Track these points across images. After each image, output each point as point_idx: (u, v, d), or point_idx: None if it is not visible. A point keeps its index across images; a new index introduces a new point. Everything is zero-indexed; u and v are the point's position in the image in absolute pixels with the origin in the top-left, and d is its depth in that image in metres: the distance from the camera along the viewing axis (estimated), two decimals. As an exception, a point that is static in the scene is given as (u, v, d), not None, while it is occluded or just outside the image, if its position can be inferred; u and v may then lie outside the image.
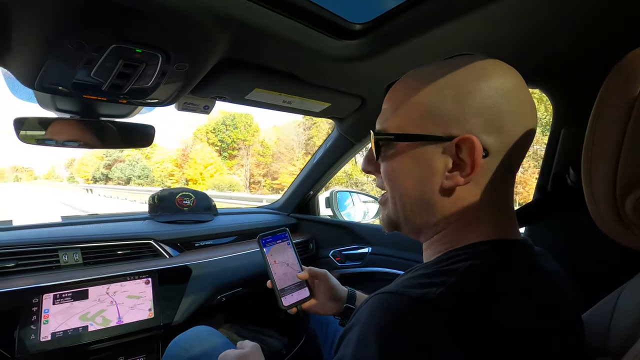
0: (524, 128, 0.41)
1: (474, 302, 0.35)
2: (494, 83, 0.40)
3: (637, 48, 0.35)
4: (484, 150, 0.39)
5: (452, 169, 0.41)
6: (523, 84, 0.42)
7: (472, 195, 0.42)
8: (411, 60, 0.81)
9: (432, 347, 0.32)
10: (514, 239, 0.43)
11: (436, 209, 0.43)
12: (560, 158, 0.81)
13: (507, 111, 0.40)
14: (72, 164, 63.14)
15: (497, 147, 0.40)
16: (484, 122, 0.39)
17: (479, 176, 0.41)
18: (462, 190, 0.42)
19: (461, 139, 0.39)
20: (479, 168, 0.39)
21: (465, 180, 0.40)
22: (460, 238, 0.43)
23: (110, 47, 0.58)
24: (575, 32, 0.62)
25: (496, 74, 0.41)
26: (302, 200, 1.67)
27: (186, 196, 1.43)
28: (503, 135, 0.40)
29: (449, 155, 0.41)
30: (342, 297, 0.76)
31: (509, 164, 0.42)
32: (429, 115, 0.42)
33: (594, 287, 0.58)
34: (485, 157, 0.40)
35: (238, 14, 0.59)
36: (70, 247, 1.01)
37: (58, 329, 0.89)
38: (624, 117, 0.34)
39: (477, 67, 0.41)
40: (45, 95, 0.81)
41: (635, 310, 0.43)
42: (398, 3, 0.66)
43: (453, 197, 0.42)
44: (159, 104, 0.88)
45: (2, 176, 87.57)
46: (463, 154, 0.39)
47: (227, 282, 1.26)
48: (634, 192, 0.33)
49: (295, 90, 0.97)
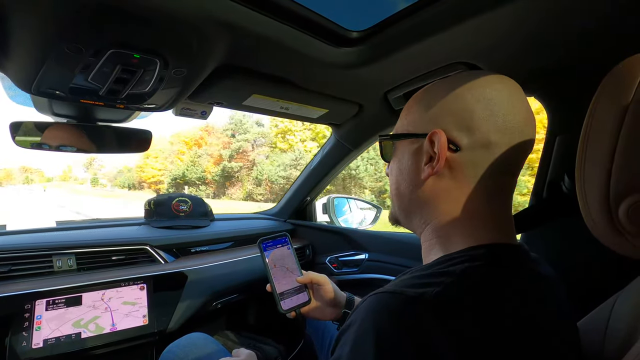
0: (504, 130, 0.42)
1: (470, 303, 0.35)
2: (472, 89, 0.43)
3: (628, 58, 0.35)
4: (455, 145, 0.43)
5: (427, 162, 0.45)
6: (512, 91, 0.44)
7: (452, 190, 0.45)
8: (407, 68, 0.82)
9: (429, 346, 0.32)
10: (510, 244, 0.44)
11: (420, 201, 0.48)
12: (555, 165, 0.81)
13: (480, 111, 0.42)
14: (92, 164, 60.69)
15: (470, 143, 0.43)
16: (455, 120, 0.43)
17: (454, 171, 0.44)
18: (440, 183, 0.45)
19: (432, 133, 0.44)
20: (453, 162, 0.44)
21: (434, 170, 0.44)
22: (452, 237, 0.44)
23: (108, 52, 0.58)
24: (569, 42, 0.64)
25: (480, 83, 0.44)
26: (299, 206, 1.67)
27: (183, 201, 1.42)
28: (476, 133, 0.42)
29: (426, 150, 0.45)
30: (341, 303, 0.76)
31: (491, 163, 0.43)
32: (416, 120, 0.48)
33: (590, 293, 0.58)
34: (456, 152, 0.43)
35: (236, 20, 0.60)
36: (65, 252, 1.00)
37: (50, 335, 0.88)
38: (617, 125, 0.34)
39: (467, 78, 0.45)
40: (42, 100, 0.81)
41: (631, 317, 0.43)
42: (394, 12, 0.67)
43: (432, 189, 0.46)
44: (157, 109, 0.88)
45: (10, 178, 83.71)
46: (435, 147, 0.44)
47: (223, 289, 1.25)
48: (627, 199, 0.34)
49: (292, 97, 0.97)
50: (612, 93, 0.36)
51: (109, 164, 56.82)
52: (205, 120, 1.05)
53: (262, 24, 0.62)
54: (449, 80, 0.47)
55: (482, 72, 0.46)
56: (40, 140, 0.87)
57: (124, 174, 47.95)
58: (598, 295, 0.55)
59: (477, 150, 0.43)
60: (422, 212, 0.48)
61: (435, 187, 0.46)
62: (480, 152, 0.43)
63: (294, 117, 1.15)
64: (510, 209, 0.46)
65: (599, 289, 0.58)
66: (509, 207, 0.46)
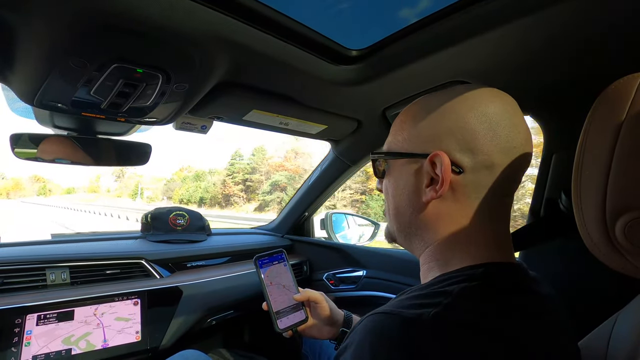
0: (507, 150, 0.42)
1: (468, 323, 0.35)
2: (474, 107, 0.42)
3: (621, 78, 0.36)
4: (458, 167, 0.42)
5: (428, 184, 0.44)
6: (511, 109, 0.43)
7: (454, 212, 0.44)
8: (406, 85, 0.84)
9: None
10: (508, 262, 0.44)
11: (420, 223, 0.46)
12: (552, 183, 0.82)
13: (483, 132, 0.41)
14: (122, 175, 56.74)
15: (473, 165, 0.42)
16: (457, 141, 0.42)
17: (457, 193, 0.43)
18: (442, 205, 0.44)
19: (433, 155, 0.42)
20: (455, 184, 0.42)
21: (438, 194, 0.43)
22: (451, 258, 0.44)
23: (112, 67, 0.59)
24: (565, 61, 0.65)
25: (478, 99, 0.43)
26: (297, 221, 1.66)
27: (180, 215, 1.41)
28: (479, 154, 0.41)
29: (427, 171, 0.44)
30: (339, 321, 0.74)
31: (493, 184, 0.42)
32: (412, 137, 0.46)
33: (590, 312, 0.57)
34: (459, 174, 0.42)
35: (239, 38, 0.61)
36: (58, 265, 0.99)
37: (40, 352, 0.86)
38: (611, 144, 0.35)
39: (463, 94, 0.44)
40: (43, 112, 0.82)
41: (633, 335, 0.43)
42: (393, 31, 0.68)
43: (434, 212, 0.45)
44: (157, 123, 0.88)
45: (20, 188, 77.49)
46: (437, 169, 0.42)
47: (218, 305, 1.23)
48: (623, 217, 0.34)
49: (292, 113, 0.98)
50: (606, 112, 0.36)
51: (147, 173, 53.72)
52: (205, 134, 1.06)
53: (264, 42, 0.64)
54: (445, 96, 0.45)
55: (477, 85, 0.46)
56: (35, 152, 0.87)
57: (174, 184, 44.63)
58: (598, 314, 0.54)
59: (480, 171, 0.42)
60: (422, 234, 0.47)
61: (437, 210, 0.44)
62: (484, 174, 0.42)
63: (293, 133, 1.16)
64: (508, 228, 0.46)
65: (599, 307, 0.57)
66: (507, 226, 0.46)
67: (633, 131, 0.34)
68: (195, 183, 44.87)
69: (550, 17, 0.54)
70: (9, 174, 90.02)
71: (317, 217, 1.73)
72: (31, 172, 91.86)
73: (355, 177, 15.70)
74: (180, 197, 44.88)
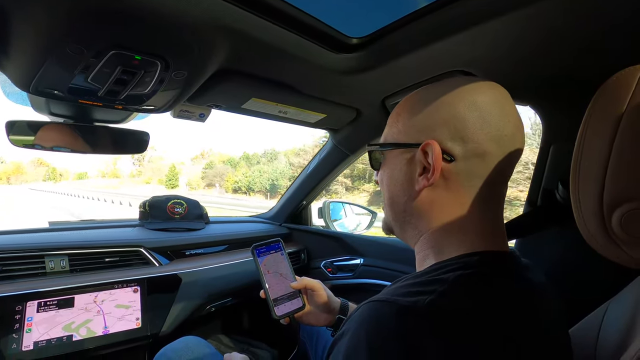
0: (498, 139, 0.42)
1: (463, 311, 0.35)
2: (465, 97, 0.43)
3: (622, 70, 0.36)
4: (449, 156, 0.43)
5: (421, 173, 0.45)
6: (502, 98, 0.44)
7: (446, 200, 0.44)
8: (406, 75, 0.83)
9: (422, 355, 0.32)
10: (502, 251, 0.44)
11: (414, 212, 0.47)
12: (549, 173, 0.83)
13: (473, 120, 0.42)
14: (142, 159, 48.13)
15: (464, 153, 0.42)
16: (448, 131, 0.43)
17: (449, 181, 0.44)
18: (434, 194, 0.45)
19: (425, 144, 0.43)
20: (447, 173, 0.43)
21: (430, 182, 0.43)
22: (446, 246, 0.44)
23: (110, 54, 0.58)
24: (566, 52, 0.65)
25: (470, 90, 0.43)
26: (295, 210, 1.67)
27: (178, 204, 1.42)
28: (470, 143, 0.42)
29: (419, 160, 0.44)
30: (335, 308, 0.76)
31: (485, 172, 0.43)
32: (406, 129, 0.47)
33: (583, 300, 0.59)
34: (451, 162, 0.43)
35: (239, 25, 0.60)
36: (57, 253, 0.99)
37: (41, 338, 0.87)
38: (611, 134, 0.35)
39: (458, 86, 0.44)
40: (39, 99, 0.80)
41: (623, 324, 0.44)
42: (394, 19, 0.68)
43: (427, 200, 0.45)
44: (155, 111, 0.88)
45: (21, 172, 68.66)
46: (429, 158, 0.43)
47: (217, 292, 1.24)
48: (620, 208, 0.35)
49: (291, 101, 0.98)
50: (606, 104, 0.37)
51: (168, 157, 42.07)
52: (203, 122, 1.05)
53: (264, 29, 0.63)
54: (438, 87, 0.46)
55: (470, 78, 0.46)
56: (35, 140, 0.86)
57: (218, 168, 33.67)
58: (592, 303, 0.55)
59: (472, 160, 0.42)
60: (416, 223, 0.48)
61: (430, 198, 0.45)
62: (475, 162, 0.43)
63: (292, 122, 1.15)
64: (502, 217, 0.47)
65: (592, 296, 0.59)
66: (501, 215, 0.46)
67: (633, 123, 0.34)
68: (255, 167, 37.13)
69: (552, 9, 0.54)
70: (9, 158, 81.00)
71: (315, 205, 1.74)
72: (33, 155, 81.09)
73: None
74: (235, 184, 35.89)
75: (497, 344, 0.35)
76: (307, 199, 1.65)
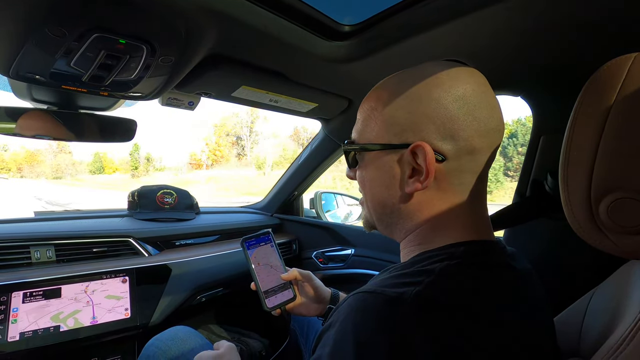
0: (486, 133, 0.42)
1: (450, 301, 0.35)
2: (449, 90, 0.41)
3: (612, 60, 0.36)
4: (440, 155, 0.41)
5: (411, 175, 0.43)
6: (485, 89, 0.43)
7: (436, 200, 0.43)
8: (398, 64, 0.82)
9: (409, 346, 0.32)
10: (488, 240, 0.44)
11: (402, 213, 0.46)
12: (539, 164, 0.83)
13: (462, 117, 0.41)
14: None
15: (455, 152, 0.41)
16: (437, 129, 0.41)
17: (439, 181, 0.42)
18: (425, 195, 0.43)
19: (414, 146, 0.41)
20: (438, 173, 0.42)
21: (423, 185, 0.41)
22: (432, 240, 0.44)
23: (93, 37, 0.56)
24: (556, 43, 0.65)
25: (453, 81, 0.42)
26: (286, 200, 1.66)
27: (167, 194, 1.40)
28: (460, 140, 0.41)
29: (408, 162, 0.42)
30: (326, 298, 0.76)
31: (474, 168, 0.43)
32: (387, 125, 0.44)
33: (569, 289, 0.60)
34: (442, 162, 0.41)
35: (227, 9, 0.58)
36: (43, 243, 0.98)
37: (27, 328, 0.86)
38: (600, 124, 0.35)
39: (436, 75, 0.43)
40: (21, 84, 0.77)
41: (606, 312, 0.45)
42: (387, 7, 0.66)
43: (417, 201, 0.44)
44: (142, 98, 0.85)
45: (37, 161, 52.45)
46: (420, 160, 0.41)
47: (207, 282, 1.24)
48: (607, 197, 0.35)
49: (282, 90, 0.96)
50: (596, 94, 0.36)
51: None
52: (192, 111, 1.03)
53: (253, 14, 0.61)
54: (414, 77, 0.44)
55: (448, 62, 0.44)
56: (14, 128, 0.83)
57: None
58: (577, 291, 0.56)
59: (462, 157, 0.41)
60: (404, 223, 0.46)
61: (419, 199, 0.44)
62: (465, 159, 0.42)
63: (283, 111, 1.14)
64: (486, 207, 0.47)
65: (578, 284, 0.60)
66: (485, 205, 0.46)
67: (622, 113, 0.34)
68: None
69: None
70: (18, 145, 58.03)
71: (307, 195, 1.74)
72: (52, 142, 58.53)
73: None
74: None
75: (484, 333, 0.35)
76: (299, 190, 1.64)
